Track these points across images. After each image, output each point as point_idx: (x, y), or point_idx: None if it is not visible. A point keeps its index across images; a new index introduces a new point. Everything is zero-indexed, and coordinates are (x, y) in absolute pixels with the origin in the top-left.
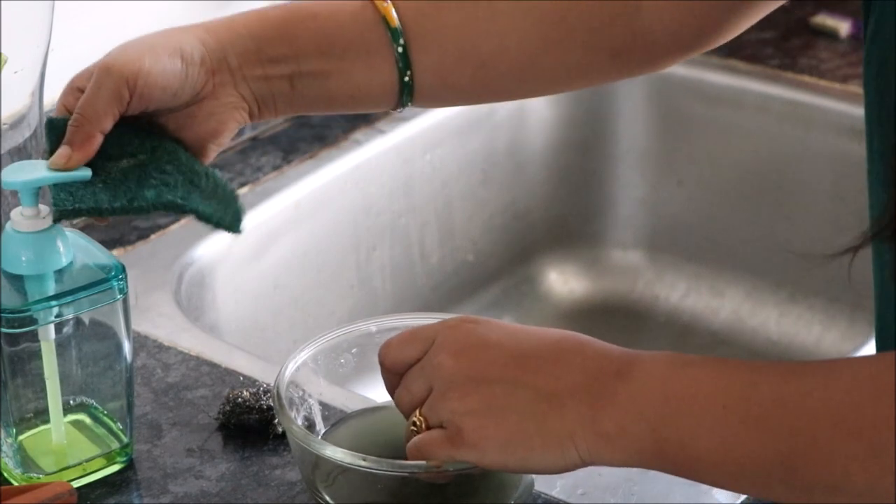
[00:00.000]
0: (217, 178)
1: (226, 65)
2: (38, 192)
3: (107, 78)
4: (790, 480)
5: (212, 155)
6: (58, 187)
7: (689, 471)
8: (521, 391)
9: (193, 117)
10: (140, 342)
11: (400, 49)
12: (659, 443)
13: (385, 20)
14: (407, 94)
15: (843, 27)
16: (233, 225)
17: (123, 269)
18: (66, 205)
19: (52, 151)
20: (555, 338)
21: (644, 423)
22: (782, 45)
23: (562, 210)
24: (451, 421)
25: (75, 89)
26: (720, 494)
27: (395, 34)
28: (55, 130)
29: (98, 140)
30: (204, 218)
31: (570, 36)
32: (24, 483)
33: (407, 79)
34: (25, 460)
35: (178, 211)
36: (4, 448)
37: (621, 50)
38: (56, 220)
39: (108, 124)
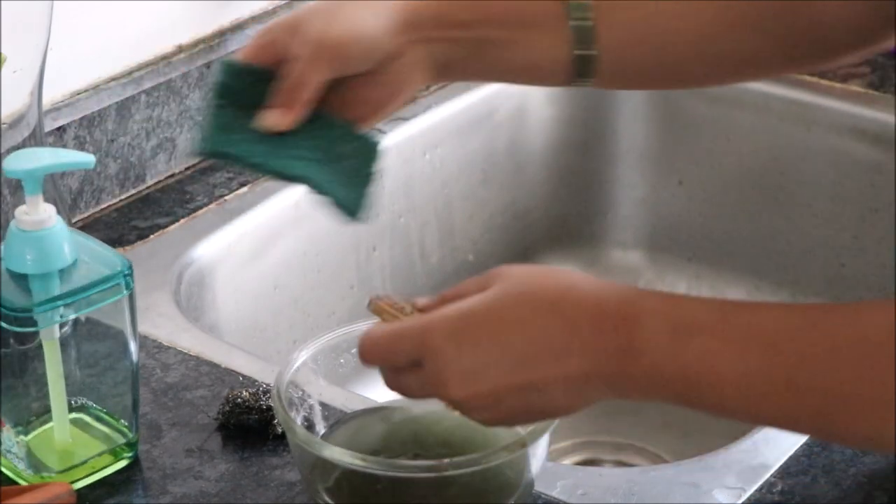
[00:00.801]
0: (361, 162)
1: (418, 26)
2: (41, 181)
3: (321, 49)
4: (825, 431)
5: (384, 118)
6: (216, 129)
7: (717, 415)
8: (536, 395)
9: (377, 77)
10: (139, 342)
11: (578, 24)
12: (687, 401)
13: None
14: (585, 72)
15: None
16: (354, 210)
17: (129, 266)
18: (218, 146)
19: (224, 94)
20: (538, 323)
21: (667, 391)
22: None
23: (562, 210)
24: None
25: (269, 43)
26: (720, 494)
27: (575, 9)
28: (238, 76)
29: (309, 107)
30: (332, 201)
31: (745, 21)
32: (34, 483)
33: (586, 55)
34: (34, 460)
35: (310, 187)
36: (14, 449)
37: (795, 40)
38: (203, 155)
39: (319, 92)
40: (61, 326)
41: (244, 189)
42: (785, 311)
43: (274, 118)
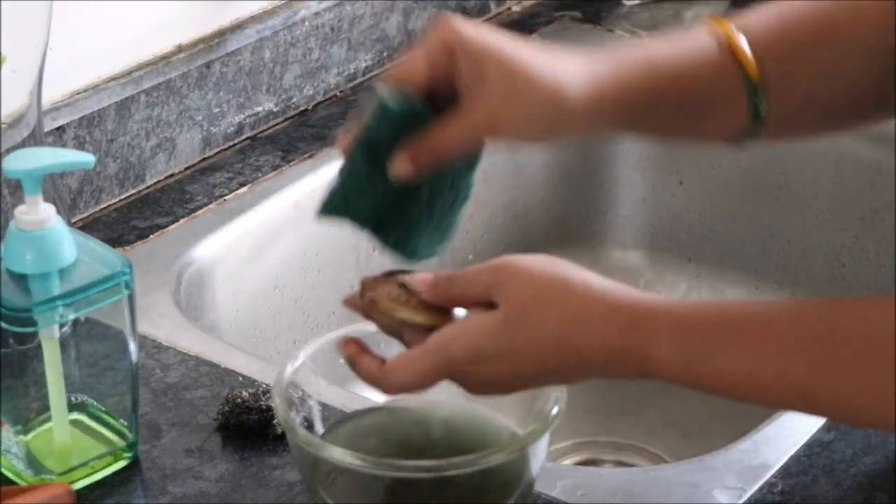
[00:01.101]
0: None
1: (599, 112)
2: (41, 181)
3: (490, 123)
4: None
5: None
6: (346, 190)
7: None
8: (545, 378)
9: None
10: (139, 342)
11: (756, 103)
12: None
13: (746, 74)
14: (751, 136)
15: None
16: (420, 256)
17: (129, 266)
18: (336, 211)
19: (373, 129)
20: (551, 347)
21: (679, 381)
22: None
23: (562, 210)
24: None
25: (446, 55)
26: (720, 494)
27: (754, 89)
28: (389, 114)
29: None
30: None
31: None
32: (33, 483)
33: (755, 124)
34: (33, 460)
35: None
36: (14, 449)
37: None
38: (324, 218)
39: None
40: (61, 326)
41: (244, 189)
42: (790, 314)
43: (402, 170)
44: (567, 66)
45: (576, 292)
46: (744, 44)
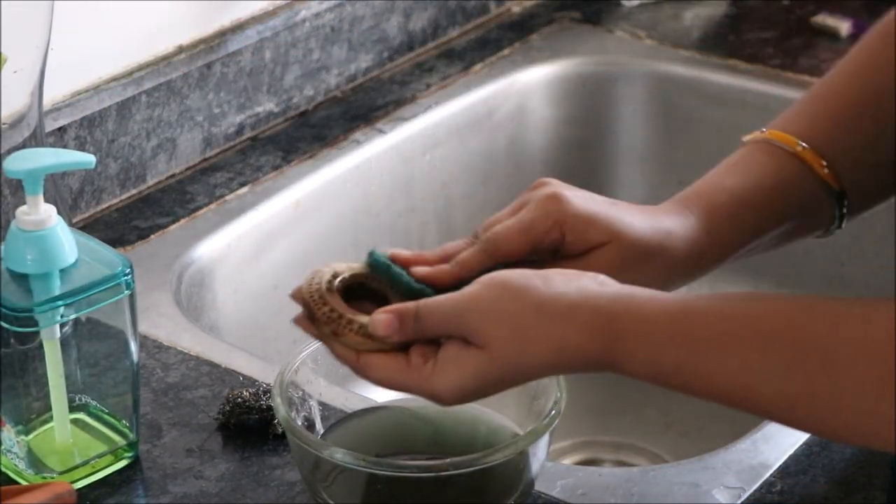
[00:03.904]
0: None
1: (687, 277)
2: (42, 182)
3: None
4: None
5: None
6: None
7: None
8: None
9: None
10: (140, 342)
11: (842, 207)
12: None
13: (828, 186)
14: (838, 227)
15: (844, 27)
16: None
17: (130, 266)
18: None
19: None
20: (538, 374)
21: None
22: (783, 45)
23: None
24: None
25: (526, 237)
26: (720, 494)
27: (837, 195)
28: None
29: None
30: None
31: None
32: (34, 482)
33: (842, 220)
34: (34, 460)
35: None
36: (15, 448)
37: None
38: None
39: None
40: (62, 326)
41: (244, 189)
42: (784, 310)
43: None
44: (673, 235)
45: (551, 318)
46: (816, 157)
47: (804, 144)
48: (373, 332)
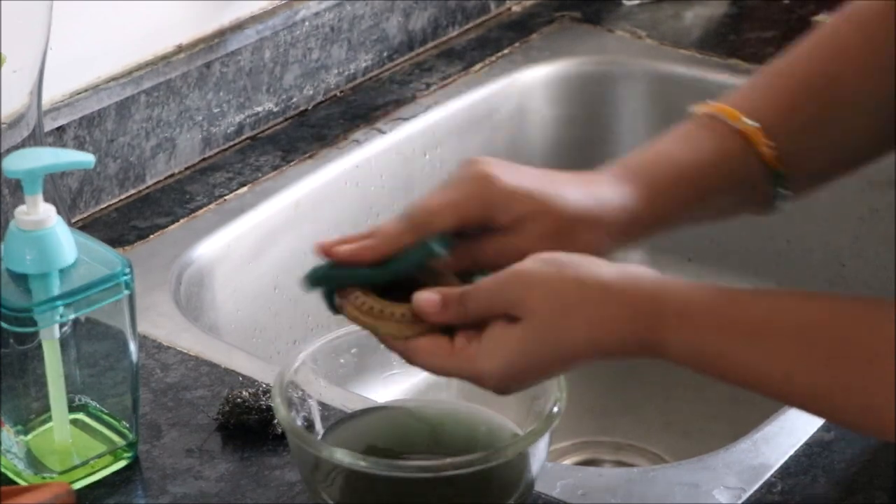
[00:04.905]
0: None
1: (622, 242)
2: (41, 181)
3: None
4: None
5: None
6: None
7: None
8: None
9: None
10: (139, 342)
11: (779, 185)
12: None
13: (765, 163)
14: (777, 206)
15: None
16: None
17: (129, 266)
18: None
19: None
20: (580, 352)
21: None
22: (783, 45)
23: None
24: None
25: (456, 211)
26: (720, 494)
27: (775, 174)
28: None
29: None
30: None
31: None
32: (33, 483)
33: (780, 198)
34: (33, 460)
35: None
36: (14, 449)
37: None
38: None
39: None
40: (61, 326)
41: (244, 189)
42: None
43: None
44: (606, 203)
45: (593, 293)
46: (760, 135)
47: (750, 121)
48: (417, 311)
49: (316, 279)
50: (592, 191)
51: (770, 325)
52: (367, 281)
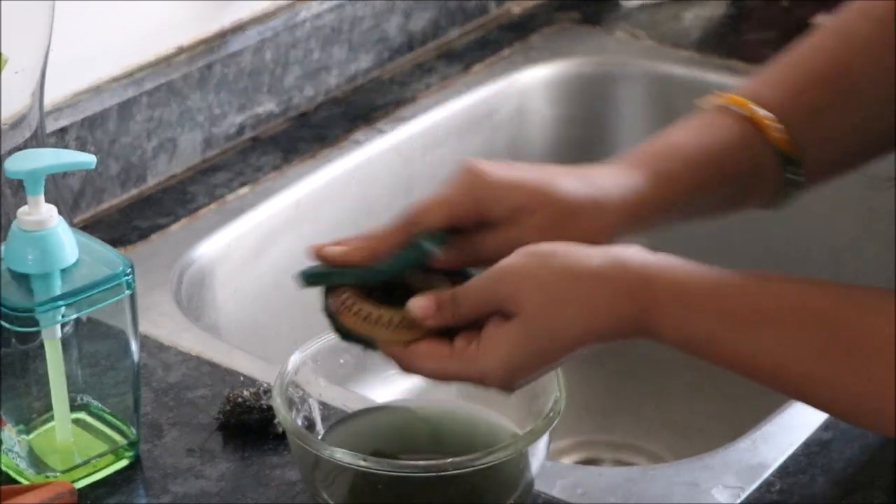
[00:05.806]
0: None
1: (629, 231)
2: (43, 182)
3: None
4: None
5: None
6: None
7: None
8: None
9: None
10: (140, 342)
11: (792, 173)
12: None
13: (778, 149)
14: (791, 197)
15: None
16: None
17: (131, 265)
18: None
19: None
20: (577, 342)
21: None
22: (783, 45)
23: None
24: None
25: (450, 211)
26: (719, 494)
27: (788, 160)
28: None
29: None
30: None
31: None
32: (35, 482)
33: (794, 187)
34: (35, 459)
35: None
36: (16, 448)
37: None
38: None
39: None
40: (63, 326)
41: (245, 189)
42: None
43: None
44: (606, 188)
45: (584, 282)
46: (770, 121)
47: (759, 109)
48: (410, 316)
49: (309, 277)
50: (590, 179)
51: (761, 313)
52: (361, 281)
